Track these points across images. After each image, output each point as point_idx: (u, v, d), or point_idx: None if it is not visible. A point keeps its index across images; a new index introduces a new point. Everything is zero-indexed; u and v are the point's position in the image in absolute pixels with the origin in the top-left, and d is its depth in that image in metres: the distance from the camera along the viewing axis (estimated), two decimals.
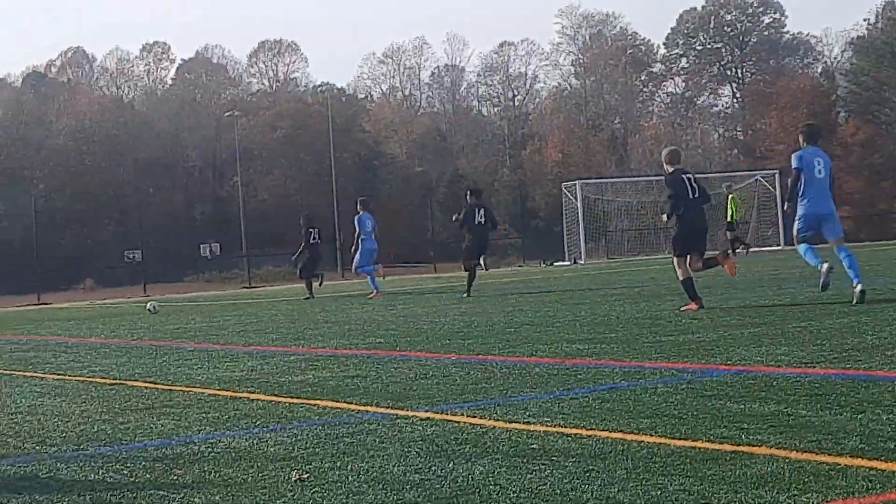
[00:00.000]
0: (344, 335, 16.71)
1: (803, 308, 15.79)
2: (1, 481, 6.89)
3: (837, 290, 16.97)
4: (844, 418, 6.97)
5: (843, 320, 13.52)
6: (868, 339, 11.34)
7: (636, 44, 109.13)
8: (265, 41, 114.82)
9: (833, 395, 7.85)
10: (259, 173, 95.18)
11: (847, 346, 10.78)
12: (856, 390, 8.04)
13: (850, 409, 7.28)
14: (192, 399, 10.12)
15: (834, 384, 8.41)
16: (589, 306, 19.40)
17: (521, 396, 8.84)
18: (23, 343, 20.77)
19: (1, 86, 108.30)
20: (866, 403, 7.44)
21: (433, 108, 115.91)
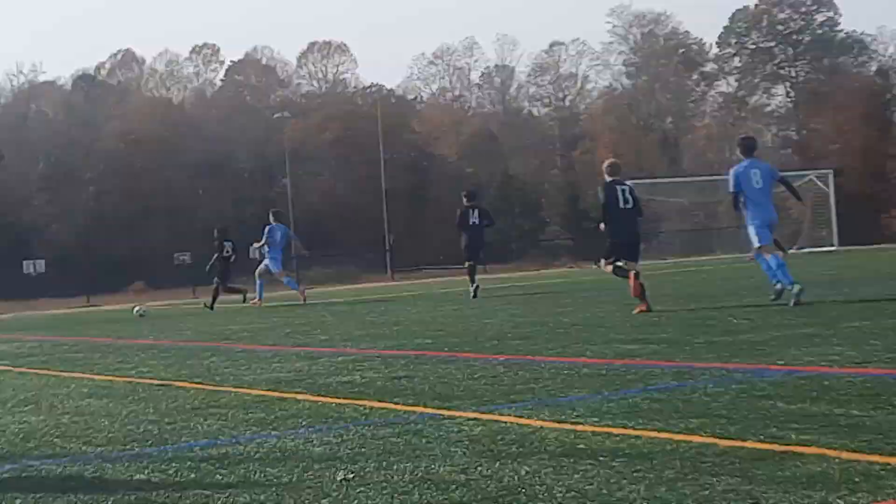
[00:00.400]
0: (392, 336, 16.67)
1: (857, 308, 15.63)
2: (47, 481, 6.88)
3: (891, 290, 16.79)
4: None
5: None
6: None
7: (688, 43, 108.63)
8: (315, 42, 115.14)
9: (886, 395, 7.73)
10: (308, 175, 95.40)
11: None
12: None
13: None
14: (238, 400, 10.10)
15: (887, 384, 8.29)
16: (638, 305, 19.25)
17: (569, 397, 8.76)
18: (72, 344, 20.86)
19: (51, 88, 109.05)
20: None
21: (483, 109, 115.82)
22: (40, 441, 8.55)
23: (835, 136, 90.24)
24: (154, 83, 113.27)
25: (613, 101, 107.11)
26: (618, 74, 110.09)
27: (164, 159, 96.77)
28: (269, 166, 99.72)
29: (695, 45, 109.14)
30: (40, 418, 9.80)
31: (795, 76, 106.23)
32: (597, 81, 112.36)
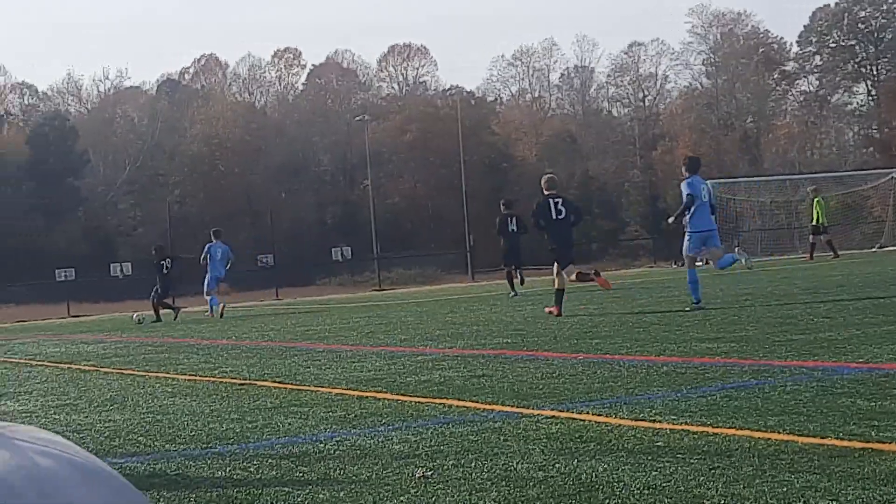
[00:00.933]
0: (472, 336, 16.73)
1: None
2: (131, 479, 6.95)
3: None
4: None
5: None
6: None
7: (768, 42, 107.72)
8: (395, 45, 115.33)
9: None
10: (389, 176, 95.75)
11: None
12: None
13: None
14: (319, 398, 10.19)
15: None
16: (720, 306, 19.20)
17: (647, 395, 8.77)
18: (156, 345, 21.10)
19: (136, 93, 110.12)
20: None
21: (563, 110, 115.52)
22: (125, 439, 8.69)
23: None
24: (237, 87, 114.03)
25: (693, 101, 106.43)
26: (697, 74, 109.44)
27: (246, 162, 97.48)
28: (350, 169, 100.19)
29: (775, 44, 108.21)
30: (125, 417, 9.95)
31: (877, 74, 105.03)
32: (676, 81, 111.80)
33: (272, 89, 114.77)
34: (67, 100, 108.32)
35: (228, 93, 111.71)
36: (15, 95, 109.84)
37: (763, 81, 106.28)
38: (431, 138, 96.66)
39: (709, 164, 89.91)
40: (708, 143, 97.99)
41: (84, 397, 11.95)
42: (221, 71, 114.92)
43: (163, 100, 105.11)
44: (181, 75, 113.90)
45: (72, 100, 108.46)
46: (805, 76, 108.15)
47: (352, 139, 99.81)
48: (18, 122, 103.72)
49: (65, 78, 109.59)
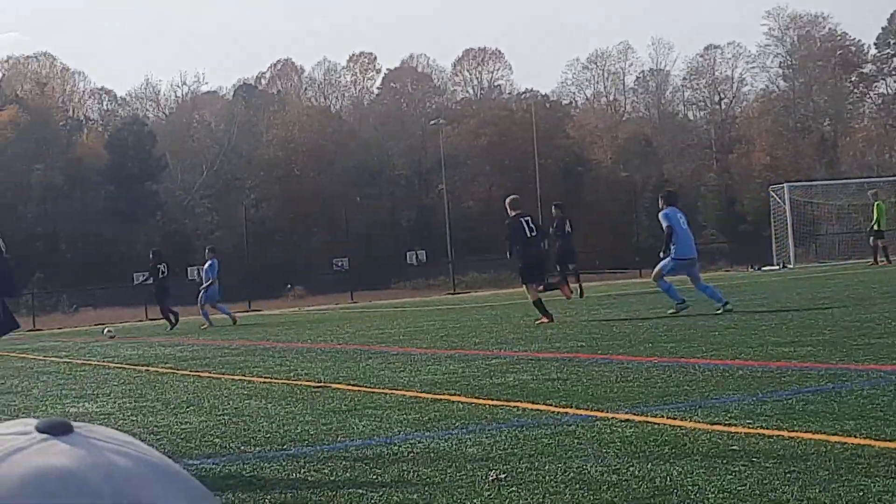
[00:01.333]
0: (546, 339, 16.71)
1: None
2: (207, 480, 7.04)
3: None
4: None
5: None
6: None
7: (846, 44, 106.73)
8: (469, 49, 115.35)
9: None
10: (463, 180, 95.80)
11: None
12: None
13: None
14: (393, 401, 10.23)
15: None
16: (796, 310, 19.07)
17: (722, 398, 8.72)
18: (233, 348, 21.25)
19: (214, 98, 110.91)
20: None
21: (638, 113, 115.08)
22: (201, 441, 8.77)
23: None
24: (313, 92, 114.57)
25: (770, 104, 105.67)
26: (774, 77, 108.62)
27: (322, 166, 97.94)
28: (425, 173, 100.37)
29: (853, 47, 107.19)
30: (201, 419, 10.03)
31: None
32: (753, 84, 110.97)
33: (347, 93, 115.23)
34: (146, 105, 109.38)
35: (304, 97, 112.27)
36: (94, 101, 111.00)
37: (840, 84, 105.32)
38: (506, 142, 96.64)
39: (785, 168, 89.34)
40: (784, 146, 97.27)
41: (161, 399, 12.07)
42: (297, 75, 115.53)
43: (239, 104, 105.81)
44: (257, 80, 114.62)
45: (150, 105, 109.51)
46: (883, 78, 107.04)
47: (426, 143, 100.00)
48: (97, 128, 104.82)
49: (143, 83, 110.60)
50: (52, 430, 0.97)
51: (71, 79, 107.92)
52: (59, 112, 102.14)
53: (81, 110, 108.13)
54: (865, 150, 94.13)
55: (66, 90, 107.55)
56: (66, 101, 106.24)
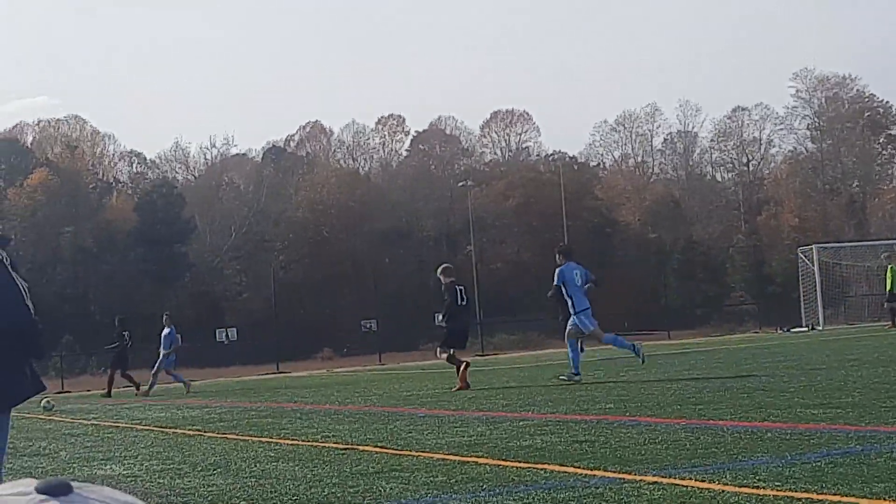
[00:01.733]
0: (574, 401, 16.67)
1: None
2: None
3: None
4: None
5: None
6: None
7: (874, 106, 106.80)
8: (497, 111, 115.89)
9: None
10: (492, 242, 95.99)
11: None
12: None
13: None
14: (420, 463, 10.21)
15: None
16: (825, 371, 18.99)
17: (751, 461, 8.68)
18: (260, 410, 21.26)
19: (243, 161, 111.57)
20: None
21: (666, 175, 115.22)
22: (227, 503, 8.76)
23: None
24: (341, 154, 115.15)
25: (798, 165, 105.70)
26: (802, 138, 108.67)
27: (351, 228, 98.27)
28: (454, 234, 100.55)
29: (881, 108, 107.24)
30: (228, 481, 10.03)
31: None
32: (780, 145, 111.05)
33: (376, 155, 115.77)
34: (175, 167, 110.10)
35: (333, 159, 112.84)
36: (124, 163, 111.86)
37: (869, 145, 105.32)
38: (534, 203, 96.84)
39: (814, 229, 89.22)
40: (813, 207, 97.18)
41: (188, 461, 12.07)
42: (326, 138, 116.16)
43: (268, 167, 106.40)
44: (286, 142, 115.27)
45: (179, 167, 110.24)
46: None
47: (455, 205, 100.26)
48: (127, 190, 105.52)
49: (172, 146, 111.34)
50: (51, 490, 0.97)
51: (101, 142, 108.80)
52: (89, 175, 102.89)
53: (111, 173, 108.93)
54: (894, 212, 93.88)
55: (97, 153, 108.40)
56: (95, 164, 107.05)
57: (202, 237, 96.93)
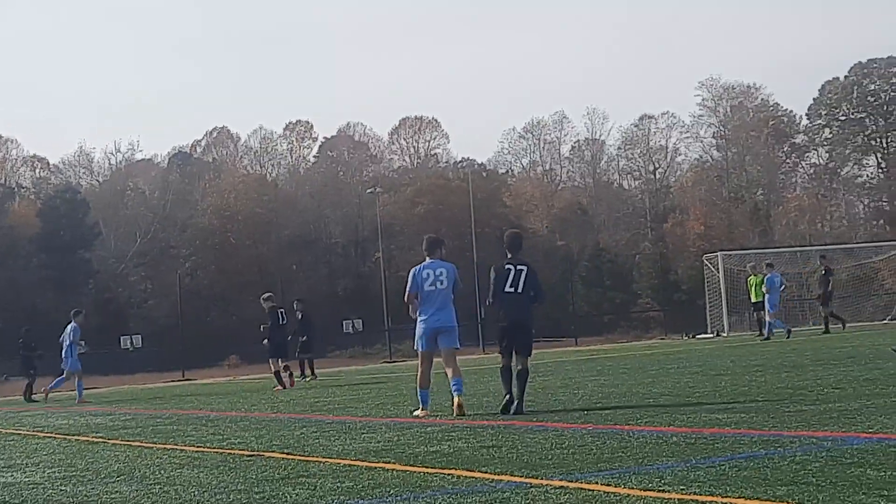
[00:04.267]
0: (481, 406, 16.70)
1: None
2: None
3: None
4: None
5: None
6: None
7: (778, 115, 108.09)
8: (406, 118, 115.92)
9: None
10: (400, 248, 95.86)
11: None
12: None
13: None
14: (327, 469, 10.16)
15: None
16: (730, 377, 19.17)
17: (656, 465, 8.73)
18: (165, 417, 21.06)
19: (148, 166, 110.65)
20: None
21: (573, 182, 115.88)
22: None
23: None
24: (249, 160, 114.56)
25: (703, 173, 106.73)
26: (708, 147, 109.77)
27: (258, 234, 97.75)
28: (362, 240, 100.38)
29: (785, 117, 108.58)
30: (132, 488, 9.91)
31: (887, 147, 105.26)
32: (687, 154, 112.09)
33: (284, 161, 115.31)
34: (79, 172, 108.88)
35: (240, 165, 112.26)
36: (27, 168, 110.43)
37: (773, 154, 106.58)
38: (443, 210, 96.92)
39: (720, 237, 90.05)
40: (719, 215, 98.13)
41: (91, 469, 11.92)
42: (233, 143, 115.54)
43: (174, 172, 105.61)
44: (192, 148, 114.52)
45: (83, 172, 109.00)
46: (815, 149, 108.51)
47: (363, 211, 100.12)
48: (30, 195, 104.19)
49: (76, 151, 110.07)
50: None
51: (3, 146, 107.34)
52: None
53: (13, 178, 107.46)
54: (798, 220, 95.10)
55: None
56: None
57: (106, 243, 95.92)
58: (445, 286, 16.78)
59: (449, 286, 16.82)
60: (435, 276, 16.79)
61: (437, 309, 16.70)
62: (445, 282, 16.80)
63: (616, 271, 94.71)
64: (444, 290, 16.76)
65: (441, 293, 16.74)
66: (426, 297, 16.71)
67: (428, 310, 16.68)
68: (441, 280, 16.76)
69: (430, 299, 16.70)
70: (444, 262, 17.21)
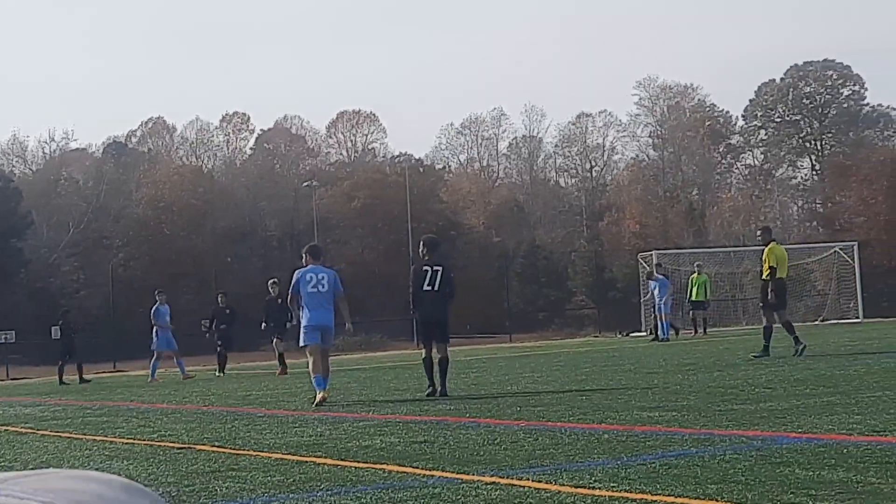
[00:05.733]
0: (414, 402, 16.69)
1: (879, 378, 15.58)
2: None
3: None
4: None
5: None
6: None
7: (714, 115, 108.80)
8: (344, 112, 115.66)
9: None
10: (336, 243, 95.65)
11: None
12: None
13: None
14: (258, 463, 10.12)
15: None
16: (662, 375, 19.26)
17: (588, 462, 8.75)
18: (95, 409, 20.90)
19: (82, 156, 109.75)
20: None
21: (510, 179, 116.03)
22: None
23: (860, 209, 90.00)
24: (184, 151, 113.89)
25: (640, 173, 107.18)
26: (644, 146, 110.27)
27: (193, 226, 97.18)
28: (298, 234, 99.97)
29: (721, 118, 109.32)
30: None
31: (821, 149, 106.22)
32: (623, 152, 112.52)
33: (220, 153, 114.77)
34: (12, 161, 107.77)
35: (175, 156, 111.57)
36: None
37: (709, 154, 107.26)
38: (379, 205, 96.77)
39: (655, 235, 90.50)
40: (654, 214, 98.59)
41: (19, 459, 11.81)
42: (169, 134, 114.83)
43: (109, 162, 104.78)
44: (128, 138, 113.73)
45: (16, 161, 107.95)
46: (750, 150, 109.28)
47: (299, 205, 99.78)
48: None
49: (10, 139, 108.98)
50: None
51: None
52: None
53: None
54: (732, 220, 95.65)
55: None
56: None
57: (39, 233, 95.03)
58: (326, 289, 18.47)
59: (330, 290, 18.53)
60: (317, 279, 18.51)
61: (319, 309, 18.41)
62: (326, 285, 18.50)
63: (551, 268, 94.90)
64: (325, 293, 18.45)
65: (322, 295, 18.44)
66: (309, 298, 18.39)
67: (311, 309, 18.34)
68: (322, 284, 18.48)
69: (312, 300, 18.39)
70: (325, 268, 19.22)
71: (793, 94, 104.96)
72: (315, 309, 18.35)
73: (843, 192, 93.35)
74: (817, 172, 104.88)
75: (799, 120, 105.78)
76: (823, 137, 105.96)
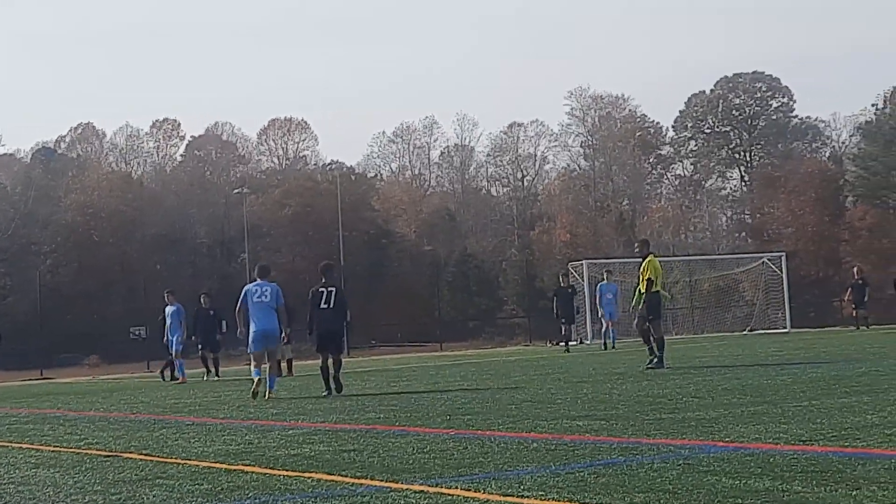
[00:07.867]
0: (344, 410, 16.66)
1: (805, 388, 15.72)
2: None
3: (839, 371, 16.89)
4: (839, 494, 6.91)
5: (844, 400, 13.47)
6: (869, 417, 11.29)
7: (645, 126, 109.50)
8: (275, 119, 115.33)
9: (829, 472, 7.78)
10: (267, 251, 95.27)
11: (847, 424, 10.73)
12: (852, 467, 7.98)
13: (846, 485, 7.22)
14: (186, 471, 10.05)
15: (831, 461, 8.34)
16: (591, 384, 19.34)
17: (517, 471, 8.77)
18: (21, 416, 20.71)
19: (10, 161, 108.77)
20: (862, 480, 7.38)
21: (442, 188, 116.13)
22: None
23: (788, 220, 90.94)
24: (114, 157, 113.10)
25: (571, 182, 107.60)
26: (575, 156, 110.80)
27: (122, 233, 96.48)
28: (228, 242, 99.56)
29: (651, 129, 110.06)
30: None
31: (750, 160, 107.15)
32: (555, 162, 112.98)
33: (150, 159, 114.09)
34: None
35: (105, 162, 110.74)
36: None
37: (639, 164, 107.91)
38: (311, 213, 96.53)
39: (585, 245, 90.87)
40: (585, 224, 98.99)
41: None
42: (98, 140, 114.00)
43: (37, 168, 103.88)
44: (57, 143, 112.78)
45: None
46: (680, 160, 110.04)
47: (230, 212, 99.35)
48: None
49: None
50: None
51: None
52: None
53: None
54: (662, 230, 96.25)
55: None
56: None
57: None
58: (269, 300, 21.54)
59: (272, 300, 21.59)
60: (261, 291, 21.61)
61: (264, 318, 21.50)
62: (269, 297, 21.56)
63: (482, 277, 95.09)
64: (268, 303, 21.53)
65: (266, 305, 21.53)
66: (254, 308, 21.53)
67: (256, 318, 21.47)
68: (266, 295, 21.55)
69: (257, 310, 21.52)
70: (269, 283, 21.92)
71: (722, 105, 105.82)
72: (260, 318, 21.44)
73: (771, 203, 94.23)
74: (746, 183, 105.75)
75: (728, 131, 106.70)
76: (752, 149, 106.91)
